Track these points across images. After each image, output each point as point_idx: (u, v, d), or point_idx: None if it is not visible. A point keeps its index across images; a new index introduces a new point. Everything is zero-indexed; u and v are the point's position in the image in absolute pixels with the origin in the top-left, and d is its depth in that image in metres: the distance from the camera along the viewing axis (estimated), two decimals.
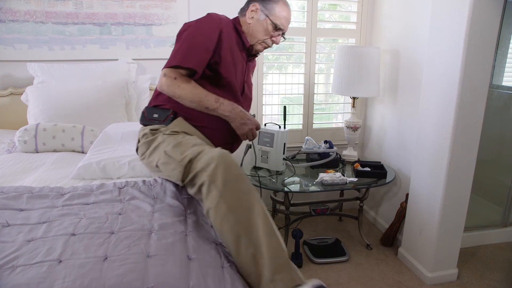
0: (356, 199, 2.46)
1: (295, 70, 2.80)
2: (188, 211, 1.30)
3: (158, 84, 1.48)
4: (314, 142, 2.46)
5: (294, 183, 2.20)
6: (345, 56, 2.34)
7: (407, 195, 2.29)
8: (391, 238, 2.41)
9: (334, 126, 2.86)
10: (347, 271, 2.16)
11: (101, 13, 2.30)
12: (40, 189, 1.39)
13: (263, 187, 2.15)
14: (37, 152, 1.90)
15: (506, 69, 2.60)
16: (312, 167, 2.40)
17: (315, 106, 2.78)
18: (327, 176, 2.16)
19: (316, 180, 2.18)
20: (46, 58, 2.27)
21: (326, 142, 2.48)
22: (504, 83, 2.61)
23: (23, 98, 2.15)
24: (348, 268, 2.20)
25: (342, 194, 2.71)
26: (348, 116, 2.61)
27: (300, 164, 2.44)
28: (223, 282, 1.00)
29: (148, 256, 1.01)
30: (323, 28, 2.65)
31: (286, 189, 2.10)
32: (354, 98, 2.52)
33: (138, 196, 1.37)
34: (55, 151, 1.92)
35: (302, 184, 2.23)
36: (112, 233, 1.11)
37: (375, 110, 2.74)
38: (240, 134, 1.55)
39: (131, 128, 1.89)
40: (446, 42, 1.84)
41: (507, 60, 2.58)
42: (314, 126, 2.80)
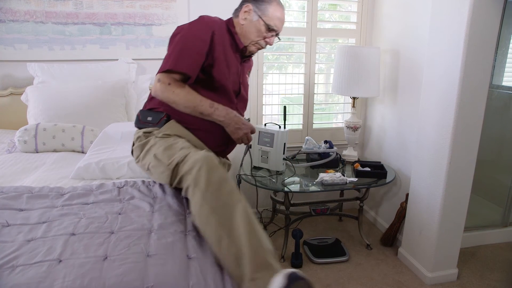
0: (356, 199, 2.46)
1: (295, 70, 2.80)
2: (187, 210, 1.30)
3: (152, 90, 1.47)
4: (314, 142, 2.46)
5: (294, 183, 2.20)
6: (345, 56, 2.34)
7: (407, 195, 2.29)
8: (391, 238, 2.41)
9: (334, 126, 2.86)
10: (347, 271, 2.16)
11: (101, 13, 2.30)
12: (40, 189, 1.39)
13: (263, 187, 2.15)
14: (37, 152, 1.90)
15: (506, 69, 2.60)
16: (312, 167, 2.40)
17: (315, 106, 2.78)
18: (327, 176, 2.16)
19: (316, 180, 2.18)
20: (46, 58, 2.27)
21: (326, 142, 2.48)
22: (504, 83, 2.61)
23: (23, 98, 2.15)
24: (348, 268, 2.20)
25: (342, 194, 2.71)
26: (348, 116, 2.61)
27: (300, 164, 2.45)
28: (223, 281, 1.00)
29: (148, 255, 1.01)
30: (323, 28, 2.65)
31: (286, 189, 2.10)
32: (354, 98, 2.52)
33: (137, 196, 1.37)
34: (55, 151, 1.92)
35: (302, 184, 2.23)
36: (112, 232, 1.11)
37: (375, 110, 2.74)
38: (235, 139, 1.55)
39: (131, 128, 1.87)
40: (446, 42, 1.84)
41: (507, 60, 2.58)
42: (314, 126, 2.80)
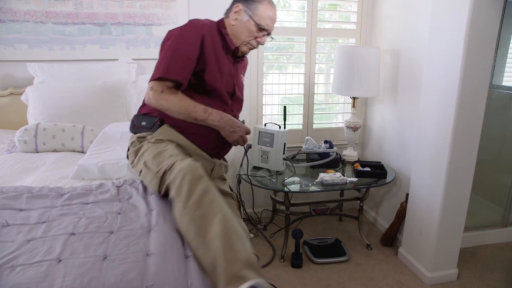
0: (356, 199, 2.46)
1: (295, 70, 2.80)
2: None
3: (145, 97, 1.46)
4: (314, 142, 2.46)
5: (294, 183, 2.20)
6: (345, 56, 2.34)
7: (407, 195, 2.29)
8: (391, 238, 2.41)
9: (334, 126, 2.86)
10: (347, 271, 2.16)
11: (101, 13, 2.30)
12: (39, 189, 1.39)
13: (263, 187, 2.15)
14: (37, 152, 1.90)
15: (506, 69, 2.60)
16: (312, 167, 2.40)
17: (315, 106, 2.78)
18: (327, 176, 2.16)
19: (316, 180, 2.18)
20: (46, 58, 2.27)
21: (326, 142, 2.48)
22: (504, 83, 2.61)
23: (23, 98, 2.15)
24: (348, 268, 2.20)
25: (342, 194, 2.71)
26: (348, 116, 2.61)
27: (300, 164, 2.44)
28: None
29: (147, 254, 1.01)
30: (323, 28, 2.65)
31: (286, 189, 2.10)
32: (354, 98, 2.52)
33: (136, 195, 1.37)
34: (55, 151, 1.92)
35: (302, 184, 2.23)
36: (112, 232, 1.11)
37: (375, 110, 2.74)
38: (230, 142, 1.54)
39: None
40: (446, 42, 1.84)
41: (507, 60, 2.58)
42: (314, 126, 2.80)
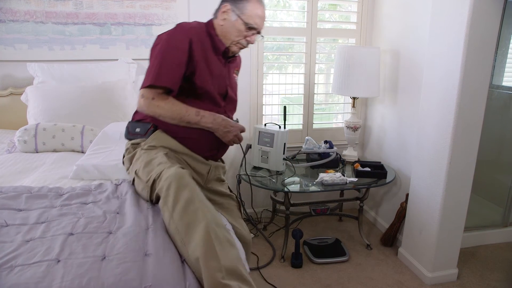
0: (356, 199, 2.46)
1: (295, 70, 2.80)
2: None
3: (137, 105, 1.46)
4: (314, 142, 2.46)
5: (294, 183, 2.20)
6: (345, 56, 2.34)
7: (407, 195, 2.28)
8: (391, 238, 2.41)
9: (334, 126, 2.86)
10: (347, 271, 2.16)
11: (101, 13, 2.30)
12: (39, 189, 1.39)
13: (263, 187, 2.15)
14: (37, 152, 1.90)
15: (506, 69, 2.60)
16: (312, 167, 2.39)
17: (315, 106, 2.78)
18: (327, 176, 2.16)
19: (316, 180, 2.18)
20: (46, 58, 2.27)
21: (326, 142, 2.48)
22: (504, 83, 2.61)
23: (23, 98, 2.15)
24: (348, 268, 2.20)
25: (342, 194, 2.70)
26: (348, 116, 2.61)
27: (300, 164, 2.44)
28: None
29: (146, 254, 1.02)
30: (323, 28, 2.65)
31: (286, 189, 2.09)
32: (354, 98, 2.52)
33: (134, 194, 1.37)
34: (55, 150, 1.92)
35: (302, 184, 2.23)
36: (110, 232, 1.11)
37: (375, 110, 2.74)
38: (226, 142, 1.54)
39: None
40: (446, 42, 1.84)
41: (507, 60, 2.58)
42: (314, 126, 2.80)
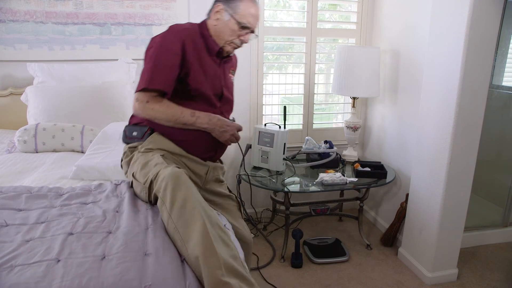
0: (356, 199, 2.46)
1: (295, 70, 2.80)
2: None
3: (133, 109, 1.46)
4: (314, 142, 2.46)
5: (294, 183, 2.20)
6: (345, 56, 2.34)
7: (407, 195, 2.28)
8: (391, 238, 2.41)
9: (334, 126, 2.86)
10: (347, 271, 2.16)
11: (101, 13, 2.30)
12: (38, 189, 1.39)
13: (263, 187, 2.15)
14: (36, 152, 1.90)
15: (506, 69, 2.60)
16: (312, 167, 2.39)
17: (315, 106, 2.78)
18: (327, 176, 2.16)
19: (316, 180, 2.18)
20: (46, 58, 2.27)
21: (326, 142, 2.48)
22: (504, 83, 2.61)
23: (23, 98, 2.15)
24: (348, 268, 2.20)
25: (342, 194, 2.70)
26: (348, 116, 2.61)
27: (300, 164, 2.44)
28: None
29: (145, 254, 1.02)
30: (323, 28, 2.65)
31: (286, 189, 2.09)
32: (354, 98, 2.52)
33: (134, 194, 1.38)
34: (54, 150, 1.92)
35: (302, 184, 2.23)
36: (110, 232, 1.11)
37: (375, 110, 2.74)
38: (223, 141, 1.54)
39: None
40: (446, 42, 1.84)
41: (507, 60, 2.58)
42: (314, 126, 2.80)
